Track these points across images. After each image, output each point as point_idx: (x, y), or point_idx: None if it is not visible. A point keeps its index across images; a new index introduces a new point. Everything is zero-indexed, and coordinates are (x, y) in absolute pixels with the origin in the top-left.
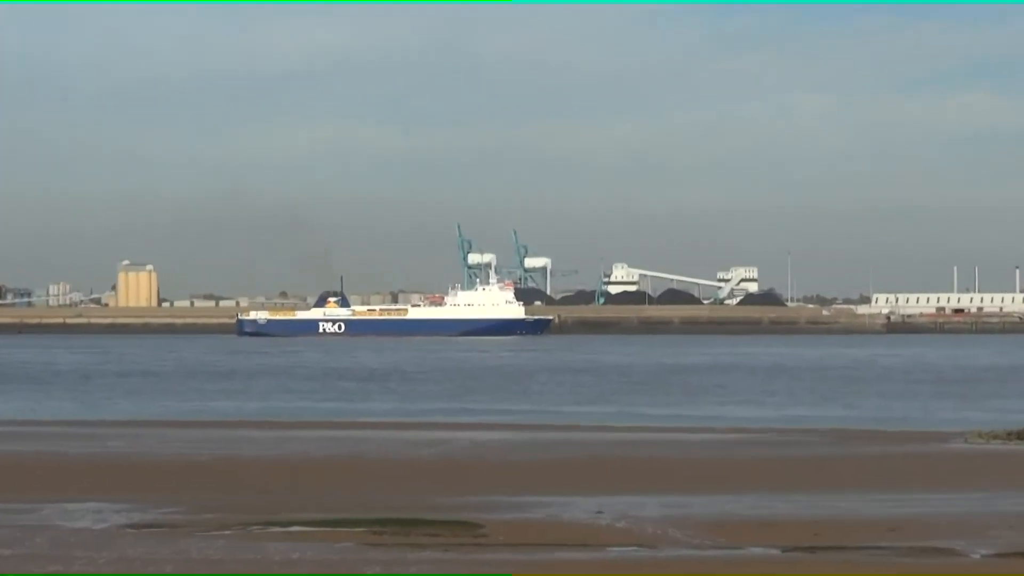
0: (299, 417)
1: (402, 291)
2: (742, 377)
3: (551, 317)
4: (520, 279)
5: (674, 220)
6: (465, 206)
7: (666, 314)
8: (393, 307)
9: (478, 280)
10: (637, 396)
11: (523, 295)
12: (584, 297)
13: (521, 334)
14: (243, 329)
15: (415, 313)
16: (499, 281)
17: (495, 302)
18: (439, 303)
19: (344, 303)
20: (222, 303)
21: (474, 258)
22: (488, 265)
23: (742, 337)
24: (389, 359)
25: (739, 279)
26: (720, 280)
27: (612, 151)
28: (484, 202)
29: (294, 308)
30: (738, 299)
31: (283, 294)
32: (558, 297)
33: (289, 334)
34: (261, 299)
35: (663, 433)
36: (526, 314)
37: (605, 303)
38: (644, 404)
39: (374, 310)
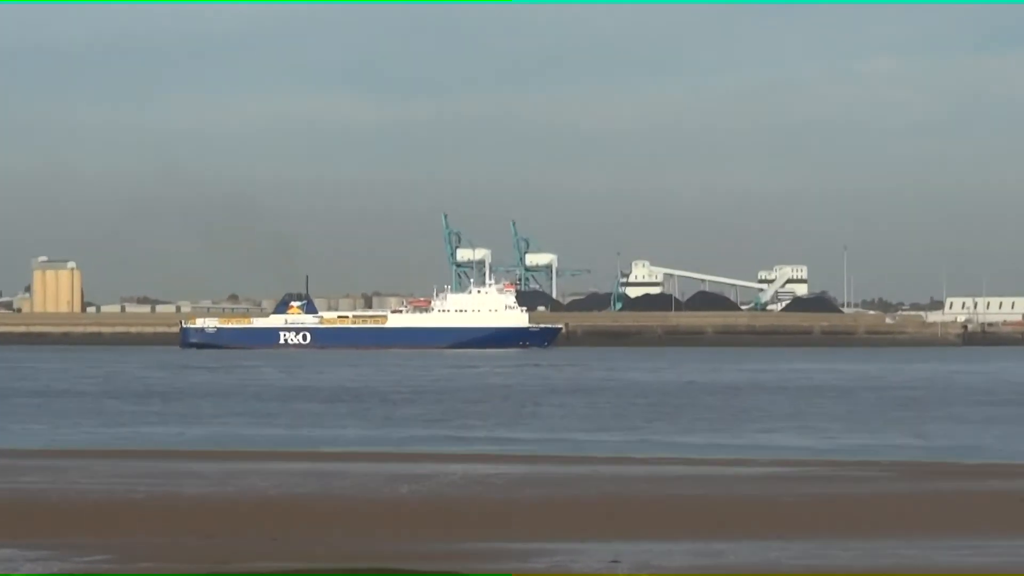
0: (254, 446)
1: (377, 294)
2: (789, 398)
3: (560, 326)
4: (520, 280)
5: (706, 208)
6: (453, 191)
7: (697, 322)
8: (369, 313)
9: (470, 281)
10: (662, 422)
11: (524, 299)
12: (597, 301)
13: (524, 346)
14: (187, 339)
15: (396, 321)
16: (497, 282)
17: (493, 307)
18: (425, 308)
19: (310, 308)
20: (159, 308)
21: (464, 254)
22: (481, 263)
23: (789, 350)
24: (365, 376)
25: (785, 280)
26: (762, 281)
27: (632, 123)
28: (476, 186)
29: (248, 314)
30: (784, 304)
31: (233, 297)
32: (566, 301)
33: (244, 345)
34: (207, 303)
35: (692, 466)
36: (530, 322)
37: (623, 309)
38: (670, 431)
39: (346, 317)
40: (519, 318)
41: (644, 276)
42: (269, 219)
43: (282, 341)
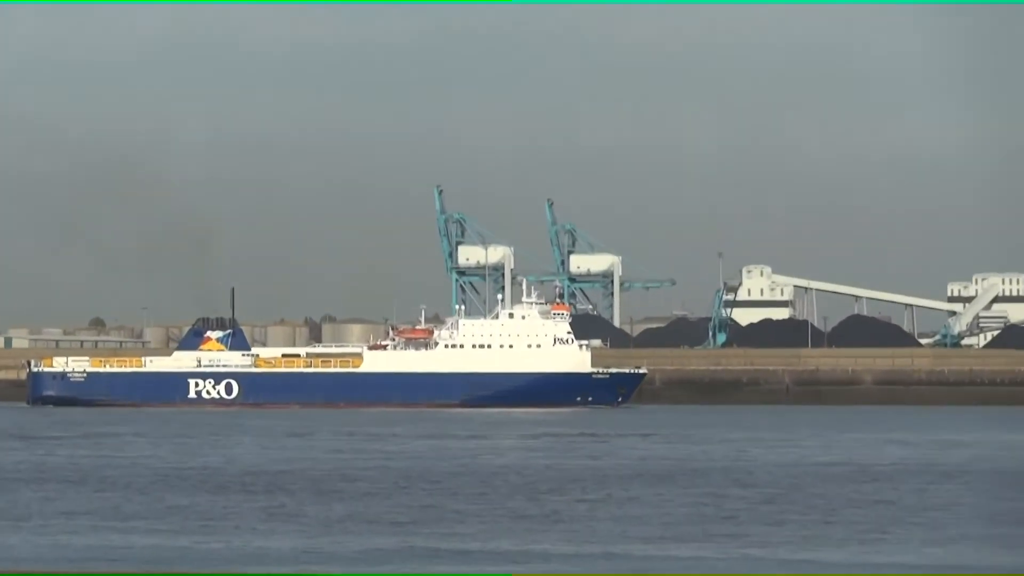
0: (106, 566)
1: (329, 319)
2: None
3: (642, 370)
4: (562, 296)
5: (862, 181)
6: (451, 153)
7: (847, 364)
8: (333, 351)
9: (478, 297)
10: (778, 525)
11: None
12: (686, 332)
13: (585, 403)
14: (39, 391)
15: (376, 362)
16: (538, 298)
17: (534, 341)
18: (424, 341)
19: (238, 342)
20: (13, 335)
21: (470, 254)
22: (498, 268)
23: (1001, 411)
24: (324, 454)
25: (992, 297)
26: (953, 299)
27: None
28: (486, 143)
29: (134, 350)
30: (990, 335)
31: (97, 323)
32: (636, 331)
33: (128, 402)
34: (54, 333)
35: None
36: (592, 365)
37: (728, 344)
38: (775, 538)
39: (296, 356)
40: (577, 358)
41: (762, 291)
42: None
43: (192, 394)
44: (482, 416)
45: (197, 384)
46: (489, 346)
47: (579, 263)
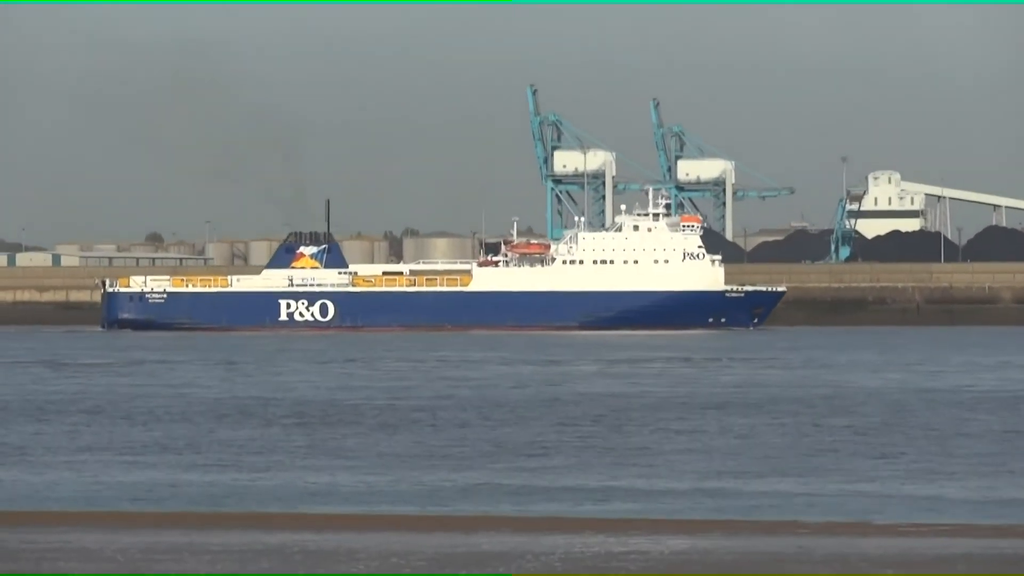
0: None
1: (412, 232)
2: None
3: (782, 289)
4: (670, 206)
5: (999, 71)
6: (547, 50)
7: (983, 280)
8: (439, 267)
9: (576, 208)
10: (870, 459)
11: None
12: (806, 246)
13: (717, 324)
14: (114, 314)
15: (486, 279)
16: (665, 208)
17: (662, 256)
18: (540, 257)
19: (335, 258)
20: (62, 252)
21: (566, 160)
22: (598, 176)
23: None
24: (424, 381)
25: None
26: None
27: None
28: (587, 40)
29: (220, 271)
30: None
31: (155, 238)
32: (750, 245)
33: (214, 324)
34: (119, 248)
35: (953, 538)
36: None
37: (852, 258)
38: (887, 472)
39: (398, 273)
40: (709, 275)
41: (890, 200)
42: (244, 90)
43: (284, 316)
44: (608, 338)
45: (289, 305)
46: (612, 262)
47: (687, 169)
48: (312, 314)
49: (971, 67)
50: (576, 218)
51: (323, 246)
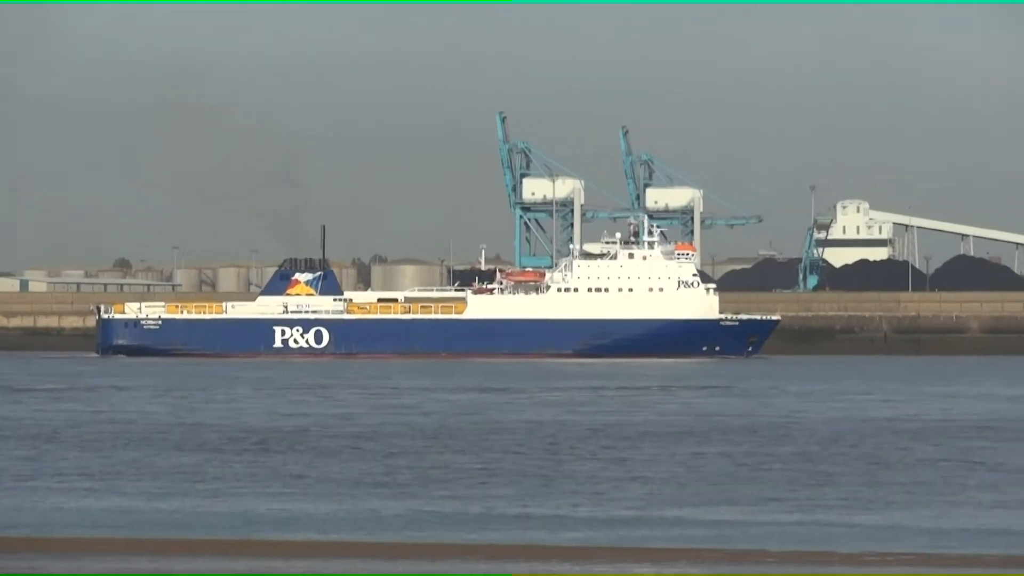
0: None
1: (381, 259)
2: None
3: (776, 318)
4: (639, 232)
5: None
6: (516, 77)
7: (951, 310)
8: (435, 294)
9: (545, 235)
10: (837, 487)
11: None
12: (773, 274)
13: (712, 353)
14: (109, 340)
15: (481, 307)
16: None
17: (657, 283)
18: (533, 284)
19: (331, 285)
20: (30, 278)
21: (535, 188)
22: (566, 203)
23: None
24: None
25: None
26: None
27: None
28: (557, 67)
29: (214, 297)
30: None
31: (121, 263)
32: (718, 273)
33: (208, 351)
34: (87, 274)
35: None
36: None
37: (820, 287)
38: (841, 506)
39: (392, 301)
40: (704, 303)
41: (858, 229)
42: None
43: (278, 343)
44: (603, 366)
45: (284, 332)
46: (607, 290)
47: (656, 197)
48: (307, 341)
49: (940, 97)
50: (570, 246)
51: (318, 273)
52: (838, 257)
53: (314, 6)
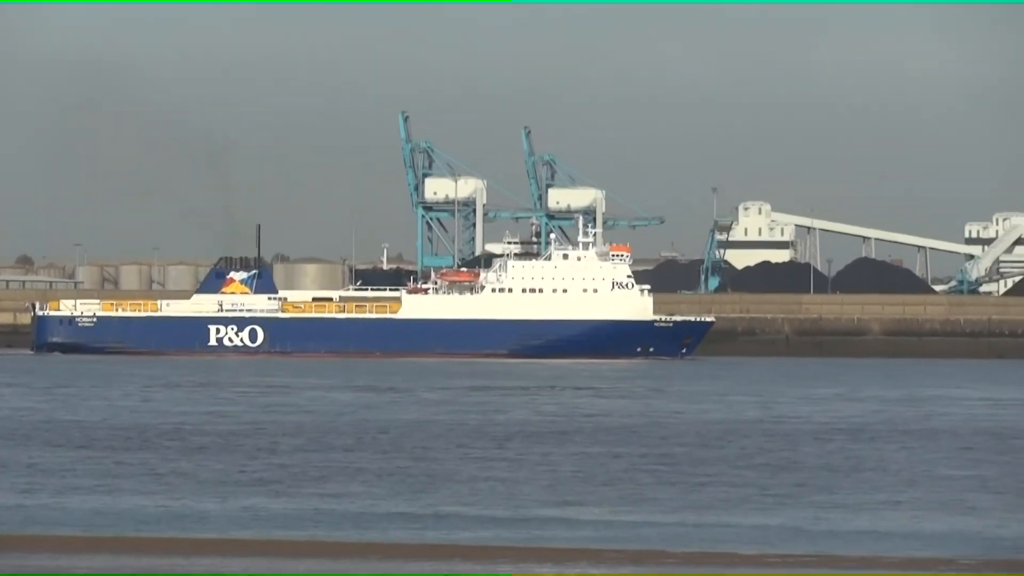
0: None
1: (282, 258)
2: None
3: (711, 319)
4: (539, 235)
5: (868, 107)
6: (419, 76)
7: (852, 312)
8: (370, 294)
9: (447, 235)
10: (719, 488)
11: None
12: (674, 275)
13: (646, 354)
14: (44, 338)
15: (415, 307)
16: (591, 238)
17: (591, 284)
18: (467, 284)
19: (266, 284)
20: None
21: (437, 187)
22: (469, 203)
23: (1021, 363)
24: (352, 404)
25: (1013, 239)
26: (972, 241)
27: None
28: (460, 67)
29: (151, 294)
30: (1011, 282)
31: (24, 260)
32: None
33: (143, 348)
34: (5, 268)
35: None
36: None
37: (721, 289)
38: (723, 506)
39: (327, 300)
40: (638, 305)
41: (760, 230)
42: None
43: (213, 341)
44: (538, 367)
45: (219, 330)
46: (541, 291)
47: (558, 198)
48: (242, 339)
49: (842, 99)
50: (506, 244)
51: (253, 271)
52: (740, 259)
53: (222, 6)
